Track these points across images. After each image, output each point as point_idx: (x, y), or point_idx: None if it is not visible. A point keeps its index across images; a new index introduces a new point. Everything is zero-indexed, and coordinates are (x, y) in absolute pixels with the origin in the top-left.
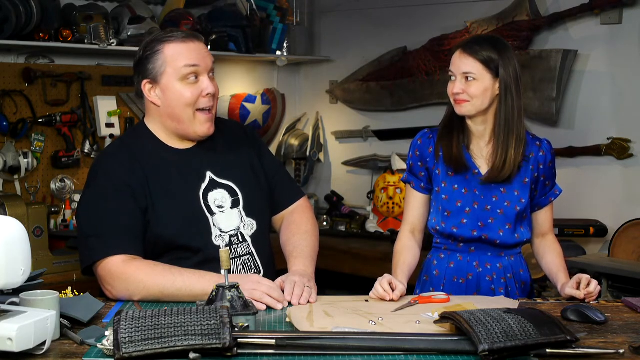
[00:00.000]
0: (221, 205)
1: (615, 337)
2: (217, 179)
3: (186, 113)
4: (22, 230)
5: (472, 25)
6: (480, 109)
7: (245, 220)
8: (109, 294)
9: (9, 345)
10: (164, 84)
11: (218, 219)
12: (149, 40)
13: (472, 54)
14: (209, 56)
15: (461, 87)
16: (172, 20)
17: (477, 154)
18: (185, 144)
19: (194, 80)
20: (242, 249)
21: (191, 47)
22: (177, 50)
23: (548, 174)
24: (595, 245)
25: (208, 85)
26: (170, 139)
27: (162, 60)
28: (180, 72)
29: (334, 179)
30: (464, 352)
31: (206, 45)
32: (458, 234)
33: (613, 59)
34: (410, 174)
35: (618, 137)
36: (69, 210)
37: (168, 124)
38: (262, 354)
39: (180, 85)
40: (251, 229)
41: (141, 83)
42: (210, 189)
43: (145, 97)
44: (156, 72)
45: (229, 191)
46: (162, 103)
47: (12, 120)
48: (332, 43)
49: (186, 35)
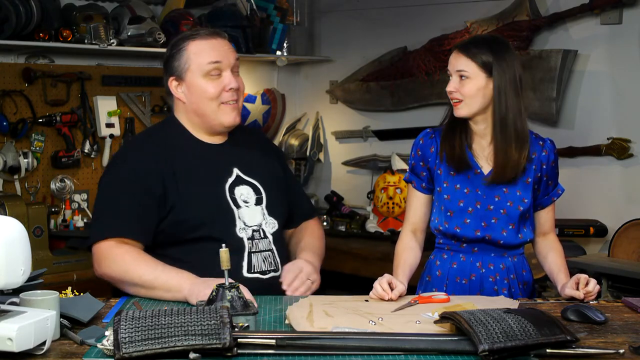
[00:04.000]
0: (246, 200)
1: (615, 337)
2: (243, 176)
3: (210, 107)
4: (22, 230)
5: (472, 25)
6: (476, 109)
7: (267, 218)
8: (95, 272)
9: (9, 345)
10: (188, 80)
11: (243, 212)
12: (175, 39)
13: (466, 54)
14: (232, 52)
15: (455, 85)
16: (172, 20)
17: (479, 154)
18: (215, 138)
19: (217, 76)
20: (264, 244)
21: (214, 44)
22: (200, 47)
23: (551, 174)
24: (595, 245)
25: (231, 80)
26: (199, 133)
27: (186, 57)
28: (204, 69)
29: (334, 179)
30: (464, 352)
31: (230, 43)
32: (461, 234)
33: (613, 59)
34: (412, 174)
35: (618, 137)
36: (69, 210)
37: (194, 120)
38: (262, 354)
39: (203, 80)
40: (272, 227)
41: (168, 80)
42: (236, 184)
43: (173, 93)
44: (181, 69)
45: (253, 189)
46: (187, 99)
47: (12, 120)
48: (332, 43)
49: (210, 33)
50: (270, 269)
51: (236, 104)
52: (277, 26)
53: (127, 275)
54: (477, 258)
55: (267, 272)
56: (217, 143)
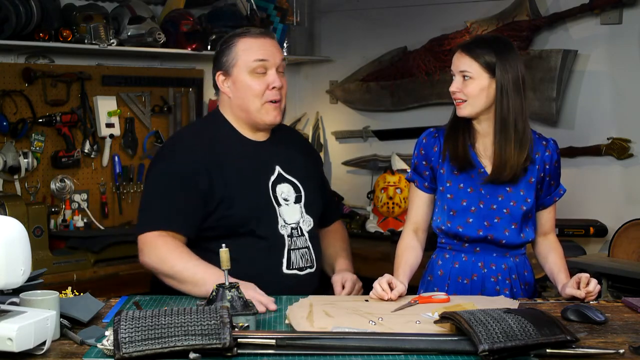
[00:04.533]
0: (287, 198)
1: (615, 337)
2: (285, 174)
3: (254, 103)
4: (22, 230)
5: (472, 25)
6: (479, 109)
7: (305, 216)
8: (140, 261)
9: (9, 345)
10: (234, 75)
11: (283, 210)
12: (227, 36)
13: (469, 54)
14: (279, 53)
15: (458, 85)
16: (172, 20)
17: (482, 153)
18: (258, 135)
19: (262, 74)
20: (301, 242)
21: (262, 43)
22: (248, 44)
23: (554, 174)
24: (595, 245)
25: (275, 79)
26: (243, 129)
27: (234, 53)
28: (250, 66)
29: (334, 179)
30: (464, 352)
31: (278, 43)
32: (463, 234)
33: (613, 59)
34: (414, 173)
35: (618, 137)
36: (69, 210)
37: (238, 114)
38: (262, 354)
39: (249, 77)
40: (309, 225)
41: (216, 74)
42: (278, 182)
43: (219, 87)
44: (228, 65)
45: (293, 187)
46: (232, 94)
47: (12, 120)
48: (332, 43)
49: (260, 32)
50: (307, 266)
51: (279, 104)
52: (277, 26)
53: (163, 266)
54: (479, 258)
55: (304, 268)
56: (260, 140)
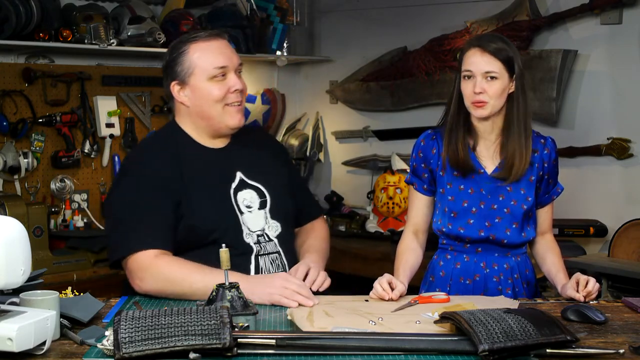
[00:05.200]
0: (249, 205)
1: (615, 337)
2: (247, 179)
3: (215, 109)
4: (22, 230)
5: (472, 25)
6: (497, 109)
7: (270, 222)
8: (137, 288)
9: (9, 345)
10: (192, 84)
11: (246, 218)
12: (174, 43)
13: (493, 53)
14: (235, 54)
15: (483, 86)
16: (172, 20)
17: (483, 154)
18: (217, 142)
19: (221, 77)
20: (270, 247)
21: (217, 46)
22: (203, 50)
23: (552, 172)
24: (595, 245)
25: (235, 82)
26: (201, 137)
27: (189, 61)
28: (209, 73)
29: (334, 179)
30: (464, 352)
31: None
32: (465, 235)
33: (613, 59)
34: (413, 176)
35: (618, 137)
36: (69, 210)
37: (199, 123)
38: (262, 354)
39: (208, 84)
40: (275, 231)
41: (170, 85)
42: (239, 189)
43: (175, 98)
44: (185, 74)
45: (257, 192)
46: (191, 103)
47: (12, 120)
48: (332, 43)
49: (210, 34)
50: (278, 271)
51: (240, 106)
52: (277, 26)
53: (178, 288)
54: (480, 258)
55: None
56: (220, 147)
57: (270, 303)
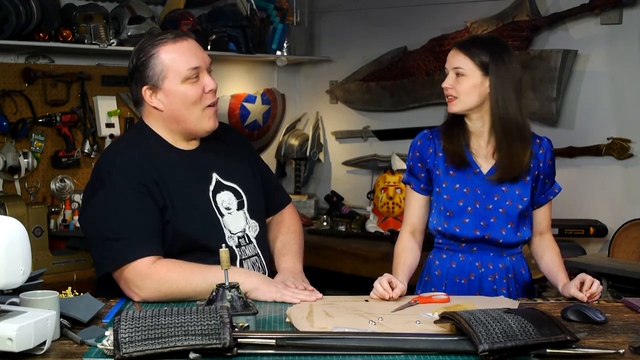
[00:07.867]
0: (228, 207)
1: (615, 337)
2: (223, 180)
3: (193, 112)
4: (22, 230)
5: (472, 25)
6: (469, 106)
7: (250, 222)
8: (135, 297)
9: (9, 345)
10: (166, 87)
11: (227, 221)
12: (139, 47)
13: (464, 51)
14: (204, 53)
15: (450, 82)
16: (172, 20)
17: (477, 153)
18: (189, 144)
19: (195, 79)
20: (250, 250)
21: (187, 47)
22: (174, 53)
23: (548, 172)
24: (595, 245)
25: (209, 81)
26: (173, 139)
27: (160, 65)
28: (183, 75)
29: (334, 179)
30: (464, 352)
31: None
32: (460, 234)
33: (613, 59)
34: (410, 175)
35: (618, 137)
36: (69, 210)
37: (172, 126)
38: (262, 354)
39: (182, 86)
40: (255, 231)
41: (140, 90)
42: (217, 191)
43: (147, 103)
44: (157, 78)
45: (234, 193)
46: (165, 107)
47: (12, 120)
48: (332, 43)
49: (177, 35)
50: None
51: (216, 107)
52: (277, 26)
53: (181, 292)
54: (476, 258)
55: None
56: (192, 149)
57: (273, 300)
